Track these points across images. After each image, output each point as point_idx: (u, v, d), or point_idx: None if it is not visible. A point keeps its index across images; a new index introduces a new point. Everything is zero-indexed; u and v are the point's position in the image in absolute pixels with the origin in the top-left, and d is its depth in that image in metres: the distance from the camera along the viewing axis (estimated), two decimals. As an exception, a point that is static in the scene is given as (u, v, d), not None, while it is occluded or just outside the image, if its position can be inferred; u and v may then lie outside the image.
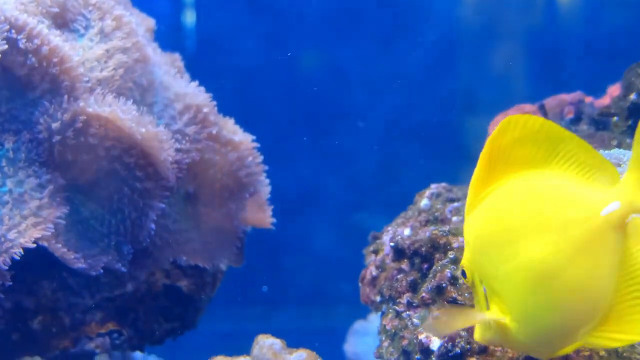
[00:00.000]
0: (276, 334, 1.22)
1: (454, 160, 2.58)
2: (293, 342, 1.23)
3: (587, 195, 0.78)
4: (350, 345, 2.19)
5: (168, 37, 1.77)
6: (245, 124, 1.69)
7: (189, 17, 2.69)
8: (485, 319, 0.86)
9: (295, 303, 2.70)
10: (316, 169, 2.74)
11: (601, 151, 1.23)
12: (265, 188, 1.68)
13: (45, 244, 1.32)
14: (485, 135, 1.85)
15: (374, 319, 2.15)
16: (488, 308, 0.87)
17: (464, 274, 0.93)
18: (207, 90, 1.61)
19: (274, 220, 1.74)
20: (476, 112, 2.62)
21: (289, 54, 2.64)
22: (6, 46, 1.29)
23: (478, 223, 0.90)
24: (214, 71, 1.92)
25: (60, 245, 1.33)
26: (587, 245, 0.76)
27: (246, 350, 1.23)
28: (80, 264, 1.36)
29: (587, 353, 1.04)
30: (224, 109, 1.65)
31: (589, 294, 0.77)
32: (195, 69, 1.77)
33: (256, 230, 1.77)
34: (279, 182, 1.76)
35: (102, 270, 1.41)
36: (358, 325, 2.24)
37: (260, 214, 1.71)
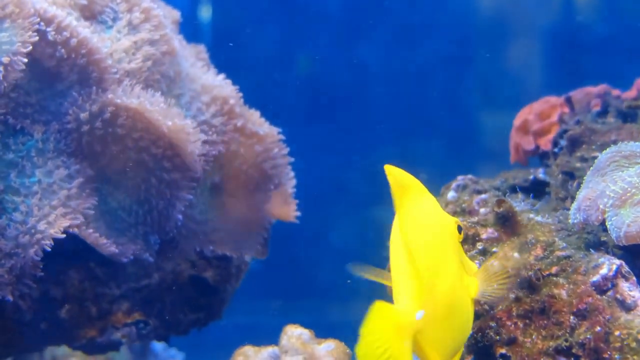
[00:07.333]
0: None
1: (475, 155, 2.57)
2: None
3: None
4: (372, 338, 2.18)
5: (186, 29, 1.78)
6: (265, 119, 1.69)
7: (206, 10, 2.69)
8: None
9: (315, 296, 2.69)
10: (336, 163, 2.73)
11: (631, 143, 1.22)
12: (290, 181, 1.69)
13: (75, 231, 1.33)
14: (508, 129, 1.85)
15: (395, 312, 2.14)
16: None
17: None
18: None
19: (298, 214, 1.74)
20: (497, 106, 2.60)
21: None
22: (36, 38, 1.30)
23: None
24: (233, 65, 1.92)
25: (91, 231, 1.34)
26: None
27: (268, 343, 1.23)
28: (112, 249, 1.37)
29: (618, 344, 1.04)
30: (245, 103, 1.65)
31: None
32: (216, 63, 1.77)
33: (276, 224, 1.77)
34: (298, 175, 1.75)
35: (132, 257, 1.42)
36: (379, 318, 2.23)
37: (285, 208, 1.72)
